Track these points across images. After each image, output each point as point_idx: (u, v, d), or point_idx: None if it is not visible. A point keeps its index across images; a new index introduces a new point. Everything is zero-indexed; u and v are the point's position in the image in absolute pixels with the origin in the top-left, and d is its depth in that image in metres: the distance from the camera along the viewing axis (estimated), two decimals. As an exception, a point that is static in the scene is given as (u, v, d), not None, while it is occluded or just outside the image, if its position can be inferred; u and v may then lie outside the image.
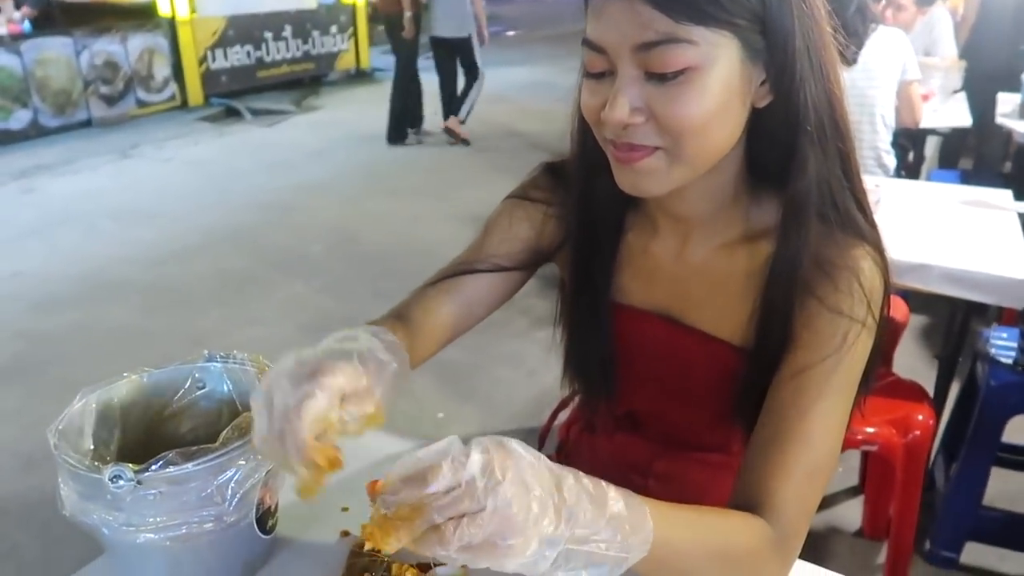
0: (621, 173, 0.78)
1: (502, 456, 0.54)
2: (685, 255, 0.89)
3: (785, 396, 0.76)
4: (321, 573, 0.81)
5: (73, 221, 4.53)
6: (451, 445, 0.54)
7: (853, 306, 0.77)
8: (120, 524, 0.70)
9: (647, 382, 0.95)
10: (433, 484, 0.52)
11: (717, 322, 0.87)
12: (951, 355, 2.01)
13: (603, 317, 0.93)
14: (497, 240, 0.95)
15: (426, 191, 5.04)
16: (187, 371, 0.87)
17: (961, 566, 1.93)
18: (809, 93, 0.74)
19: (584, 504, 0.55)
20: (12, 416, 2.61)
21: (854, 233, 0.79)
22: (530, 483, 0.54)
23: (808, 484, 0.73)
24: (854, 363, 0.77)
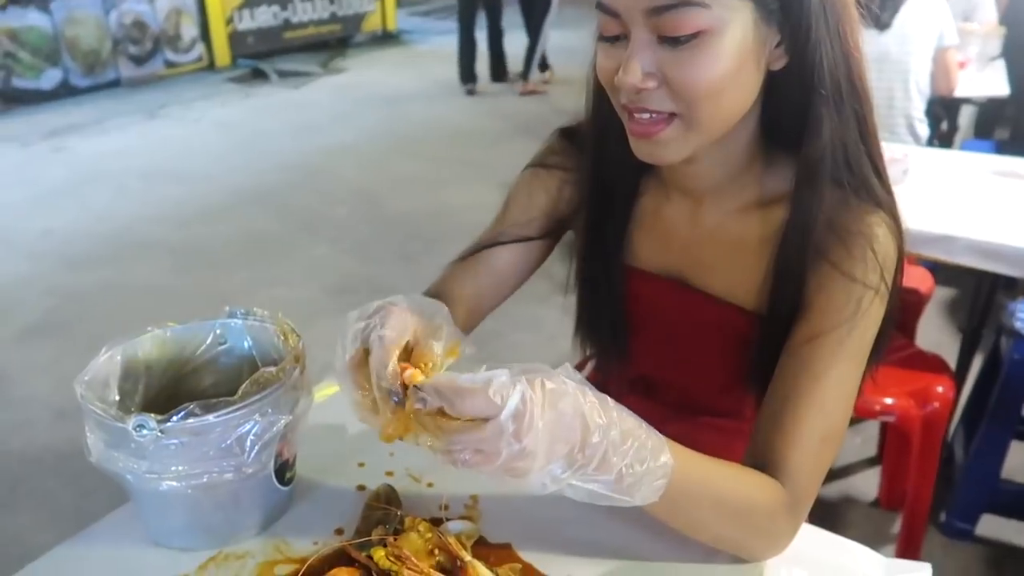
0: (637, 143, 0.78)
1: (541, 400, 0.56)
2: (698, 219, 0.89)
3: (798, 361, 0.77)
4: (337, 524, 0.83)
5: (102, 180, 4.59)
6: (496, 377, 0.56)
7: (867, 272, 0.77)
8: (144, 472, 0.73)
9: (659, 345, 0.96)
10: (466, 409, 0.56)
11: (730, 286, 0.88)
12: (975, 328, 1.99)
13: (615, 280, 0.93)
14: (518, 211, 0.97)
15: (451, 155, 5.03)
16: (209, 327, 0.89)
17: (976, 538, 1.94)
18: (825, 54, 0.73)
19: (604, 456, 0.60)
20: (44, 370, 2.69)
21: (869, 198, 0.79)
22: (558, 434, 0.57)
23: (820, 449, 0.74)
24: (867, 330, 0.77)
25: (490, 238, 0.96)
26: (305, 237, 3.83)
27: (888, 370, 1.71)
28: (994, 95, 3.24)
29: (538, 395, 0.56)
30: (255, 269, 3.51)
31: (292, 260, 3.60)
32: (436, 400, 0.57)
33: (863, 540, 0.82)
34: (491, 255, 0.95)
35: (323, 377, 1.14)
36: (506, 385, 0.55)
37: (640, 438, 0.63)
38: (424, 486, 0.89)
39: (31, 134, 5.44)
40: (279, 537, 0.82)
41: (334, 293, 3.23)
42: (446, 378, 0.58)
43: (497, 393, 0.55)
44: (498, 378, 0.56)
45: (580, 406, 0.58)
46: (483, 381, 0.56)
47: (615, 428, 0.61)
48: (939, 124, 3.37)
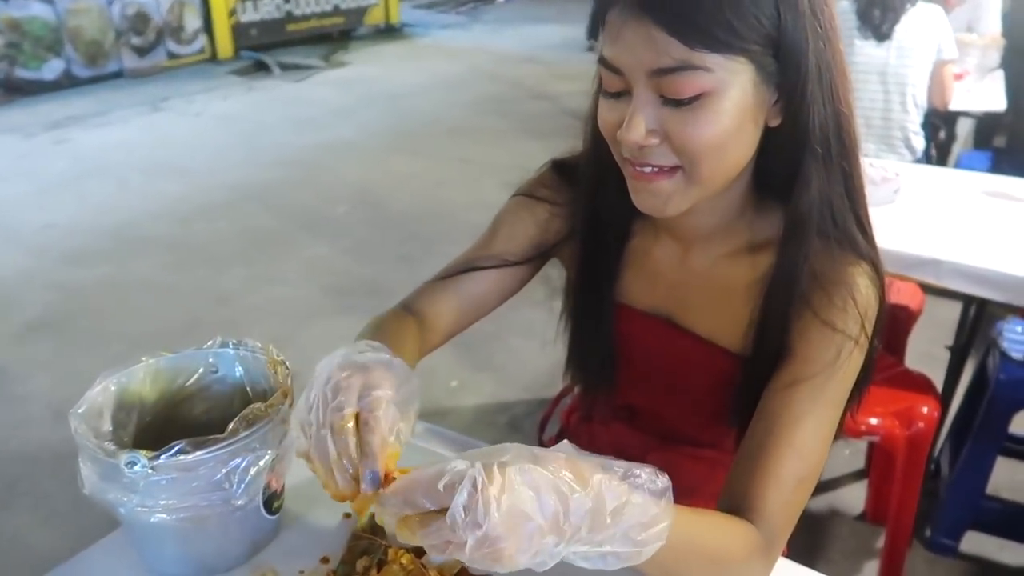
0: (639, 194, 0.80)
1: (497, 486, 0.53)
2: (687, 262, 0.92)
3: (777, 406, 0.79)
4: (323, 552, 0.85)
5: (104, 173, 4.61)
6: (450, 468, 0.55)
7: (847, 322, 0.79)
8: (135, 505, 0.75)
9: (645, 380, 0.98)
10: (424, 503, 0.55)
11: (715, 328, 0.90)
12: (963, 345, 2.01)
13: (605, 316, 0.95)
14: (503, 238, 0.98)
15: (452, 153, 5.05)
16: (201, 356, 0.92)
17: (960, 554, 1.96)
18: (817, 113, 0.76)
19: (594, 519, 0.56)
20: (44, 368, 2.72)
21: (852, 250, 0.81)
22: (528, 512, 0.54)
23: (795, 492, 0.76)
24: (846, 378, 0.80)
25: (472, 262, 0.97)
26: (304, 235, 3.85)
27: (874, 390, 1.70)
28: (991, 109, 3.25)
29: (494, 479, 0.54)
30: (254, 267, 3.53)
31: (291, 259, 3.62)
32: (400, 505, 0.57)
33: (848, 553, 0.84)
34: (472, 278, 0.97)
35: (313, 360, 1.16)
36: (458, 474, 0.54)
37: (629, 495, 0.59)
38: (409, 515, 0.91)
39: (33, 125, 5.46)
40: (267, 565, 0.84)
41: (332, 293, 3.25)
42: (405, 480, 0.57)
43: (447, 485, 0.54)
44: (452, 468, 0.55)
45: (550, 479, 0.56)
46: (435, 474, 0.55)
47: (600, 488, 0.57)
48: (937, 134, 3.38)
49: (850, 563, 1.93)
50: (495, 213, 1.02)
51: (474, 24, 9.63)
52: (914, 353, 2.17)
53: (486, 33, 6.36)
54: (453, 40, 6.45)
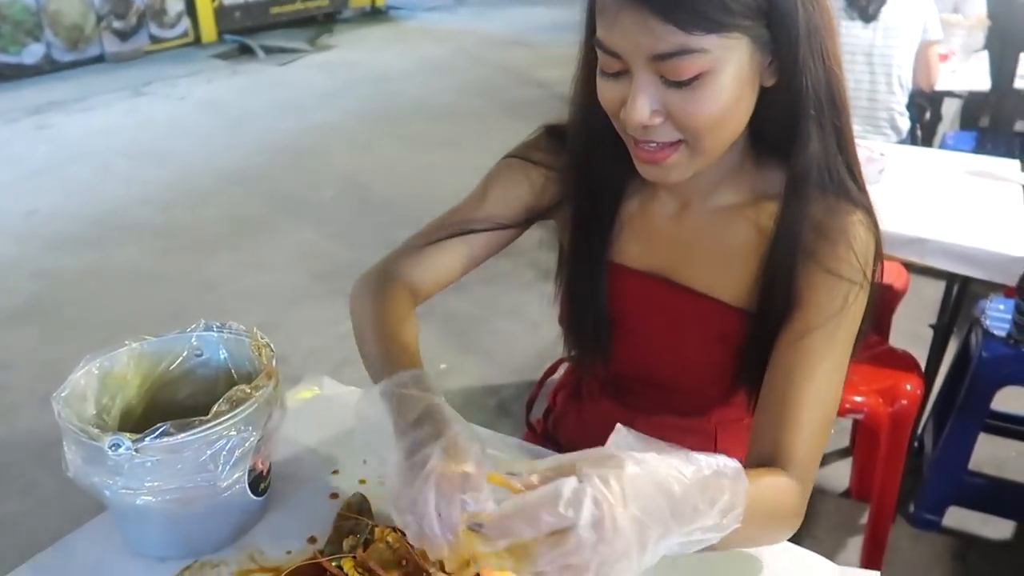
0: (644, 167, 0.82)
1: (619, 496, 0.53)
2: (684, 218, 0.93)
3: (793, 358, 0.82)
4: (309, 532, 0.86)
5: (87, 159, 4.56)
6: (564, 488, 0.53)
7: (850, 269, 0.83)
8: (120, 487, 0.75)
9: (641, 342, 0.98)
10: (541, 528, 0.52)
11: (715, 283, 0.92)
12: (947, 323, 2.03)
13: (600, 278, 0.96)
14: (495, 199, 0.98)
15: (439, 137, 5.02)
16: (185, 339, 0.91)
17: (943, 528, 1.99)
18: (810, 76, 0.78)
19: (694, 514, 0.57)
20: (29, 355, 2.70)
21: (848, 200, 0.84)
22: (647, 522, 0.54)
23: (818, 434, 0.81)
24: (853, 321, 0.84)
25: (465, 224, 0.97)
26: (290, 220, 3.83)
27: (859, 368, 1.75)
28: (975, 89, 3.26)
29: (615, 491, 0.53)
30: (240, 252, 3.51)
31: (277, 244, 3.60)
32: (502, 537, 0.54)
33: (832, 529, 0.86)
34: (462, 240, 0.97)
35: (303, 367, 1.17)
36: (577, 493, 0.53)
37: (718, 485, 0.61)
38: (395, 494, 0.92)
39: (14, 110, 5.39)
40: (253, 546, 0.85)
41: (319, 278, 3.24)
42: (510, 506, 0.55)
43: (568, 506, 0.52)
44: (566, 488, 0.53)
45: (658, 479, 0.56)
46: (551, 495, 0.53)
47: (698, 483, 0.58)
48: (923, 115, 3.39)
49: (834, 539, 1.95)
50: None
51: (460, 7, 9.55)
52: (898, 332, 2.19)
53: (472, 16, 6.31)
54: (439, 23, 6.40)
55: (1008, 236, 1.71)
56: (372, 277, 0.96)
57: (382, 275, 0.96)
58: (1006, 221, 1.80)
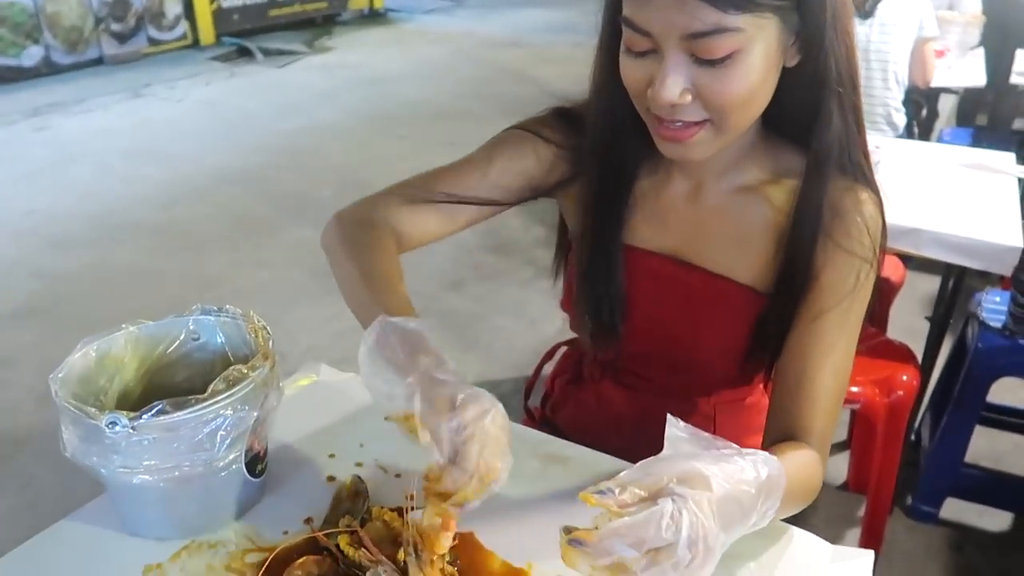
0: (666, 145, 0.83)
1: (710, 516, 0.59)
2: (699, 199, 0.94)
3: (809, 337, 0.85)
4: (306, 514, 0.86)
5: (85, 160, 4.57)
6: (664, 508, 0.58)
7: (862, 247, 0.85)
8: (117, 466, 0.76)
9: (654, 324, 0.98)
10: (643, 548, 0.57)
11: (729, 263, 0.93)
12: (942, 317, 2.03)
13: (614, 259, 0.96)
14: (500, 168, 0.97)
15: (437, 137, 5.02)
16: (182, 323, 0.92)
17: (940, 520, 2.00)
18: (834, 55, 0.80)
19: (753, 517, 0.65)
20: (29, 353, 2.70)
21: (861, 179, 0.87)
22: (726, 538, 0.61)
23: (835, 408, 0.85)
24: (865, 298, 0.87)
25: (466, 189, 0.96)
26: (289, 219, 3.84)
27: (856, 359, 1.75)
28: (971, 85, 3.27)
29: (707, 514, 0.59)
30: (239, 251, 3.52)
31: (276, 242, 3.61)
32: (605, 556, 0.58)
33: (830, 521, 0.88)
34: (459, 207, 0.97)
35: (300, 364, 1.17)
36: (675, 516, 0.57)
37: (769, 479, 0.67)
38: (392, 476, 0.92)
39: (13, 112, 5.39)
40: (250, 527, 0.85)
41: (318, 276, 3.24)
42: (612, 528, 0.59)
43: (669, 526, 0.57)
44: (666, 510, 0.57)
45: (735, 495, 0.62)
46: (654, 519, 0.57)
47: (759, 486, 0.65)
48: (919, 111, 3.40)
49: (832, 530, 1.95)
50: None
51: (458, 9, 9.57)
52: (895, 326, 2.20)
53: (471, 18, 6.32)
54: (438, 25, 6.42)
55: (1003, 227, 1.72)
56: (356, 219, 0.94)
57: (369, 219, 0.94)
58: (1001, 212, 1.81)
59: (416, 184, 0.98)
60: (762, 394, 1.09)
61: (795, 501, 0.78)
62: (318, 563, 0.77)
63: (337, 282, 0.92)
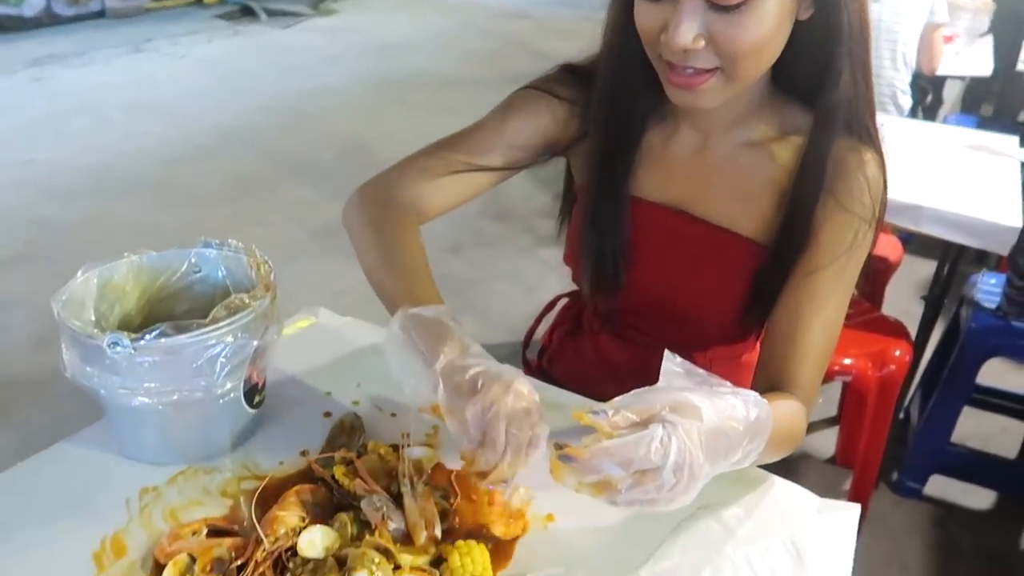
0: (676, 92, 0.83)
1: (697, 444, 0.60)
2: (705, 153, 0.94)
3: (803, 292, 0.87)
4: (302, 447, 0.87)
5: (85, 112, 4.53)
6: (654, 433, 0.59)
7: (862, 207, 0.86)
8: (117, 387, 0.76)
9: (657, 275, 0.99)
10: (631, 469, 0.59)
11: (732, 216, 0.94)
12: (937, 297, 2.04)
13: (620, 211, 0.97)
14: (515, 127, 0.98)
15: (442, 105, 4.99)
16: (184, 255, 0.92)
17: (924, 497, 2.02)
18: (848, 12, 0.80)
19: (740, 449, 0.66)
20: (24, 299, 2.70)
21: (866, 139, 0.87)
22: (711, 468, 0.63)
23: (822, 364, 0.87)
24: (861, 258, 0.88)
25: (478, 151, 0.96)
26: (290, 179, 3.82)
27: (850, 332, 1.77)
28: (977, 74, 3.26)
29: (695, 442, 0.60)
30: (238, 209, 3.50)
31: (276, 202, 3.60)
32: (593, 473, 0.60)
33: (817, 494, 0.89)
34: (477, 173, 0.97)
35: (296, 312, 1.17)
36: (664, 441, 0.59)
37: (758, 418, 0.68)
38: (388, 415, 0.93)
39: (13, 62, 5.34)
40: (247, 456, 0.86)
41: (318, 235, 3.24)
42: (602, 447, 0.60)
43: (658, 450, 0.59)
44: (656, 435, 0.59)
45: (723, 428, 0.64)
46: (643, 441, 0.59)
47: (746, 423, 0.66)
48: (924, 97, 3.39)
49: (818, 503, 1.98)
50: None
51: (466, -22, 9.47)
52: (891, 308, 2.20)
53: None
54: (444, -10, 6.37)
55: (1003, 207, 1.72)
56: (376, 197, 0.95)
57: (391, 198, 0.94)
58: (1002, 193, 1.81)
59: (434, 154, 0.98)
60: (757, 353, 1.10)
61: (778, 448, 0.79)
62: (313, 491, 0.78)
63: (359, 262, 0.92)
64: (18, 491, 0.81)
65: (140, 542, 0.74)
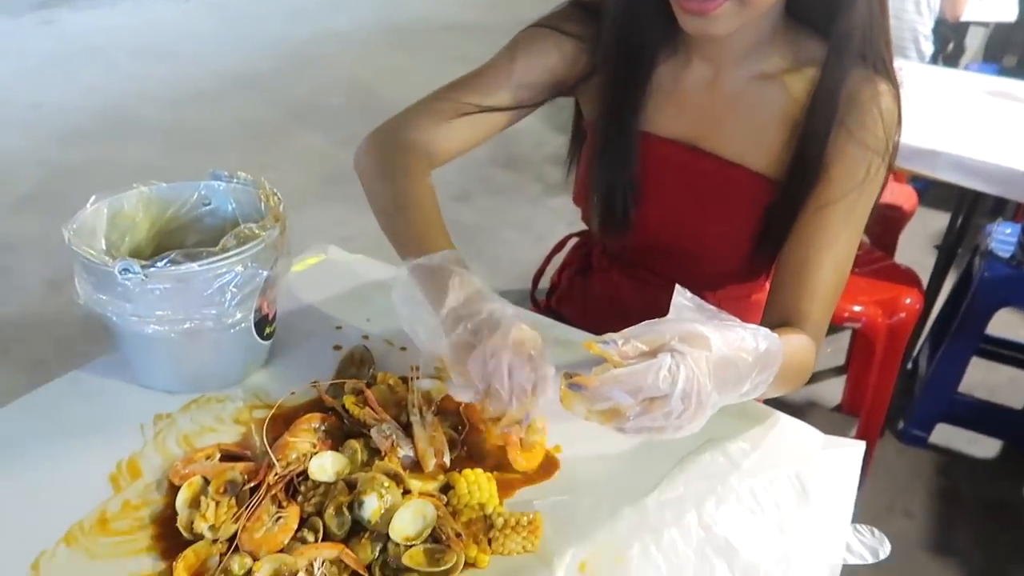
0: (688, 19, 0.81)
1: (705, 372, 0.60)
2: (717, 86, 0.93)
3: (815, 226, 0.86)
4: (313, 378, 0.87)
5: (92, 55, 4.49)
6: (662, 362, 0.59)
7: (876, 139, 0.84)
8: (129, 314, 0.77)
9: (667, 211, 0.98)
10: (639, 397, 0.59)
11: (745, 151, 0.92)
12: (951, 245, 2.02)
13: (630, 146, 0.96)
14: (523, 67, 0.96)
15: (448, 51, 4.91)
16: (193, 187, 0.92)
17: (929, 445, 2.03)
18: None
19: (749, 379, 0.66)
20: (36, 241, 2.71)
21: (881, 70, 0.85)
22: (719, 397, 0.62)
23: (832, 299, 0.86)
24: (873, 192, 0.87)
25: (486, 92, 0.95)
26: (297, 126, 3.79)
27: (861, 280, 1.76)
28: (1001, 20, 3.18)
29: (703, 371, 0.60)
30: (245, 154, 3.49)
31: (283, 147, 3.58)
32: (602, 401, 0.60)
33: None
34: (487, 115, 0.96)
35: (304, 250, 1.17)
36: (672, 369, 0.59)
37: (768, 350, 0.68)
38: (397, 349, 0.94)
39: (20, 5, 5.28)
40: (258, 386, 0.87)
41: (326, 182, 3.23)
42: (611, 375, 0.60)
43: (666, 379, 0.58)
44: (664, 363, 0.59)
45: (732, 359, 0.63)
46: (652, 369, 0.59)
47: (755, 353, 0.66)
48: (946, 45, 3.31)
49: (823, 449, 1.99)
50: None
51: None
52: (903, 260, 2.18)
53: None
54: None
55: (1022, 153, 1.69)
56: (386, 142, 0.94)
57: (399, 142, 0.94)
58: (1021, 140, 1.78)
59: (443, 97, 0.96)
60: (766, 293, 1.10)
61: (787, 381, 0.79)
62: (324, 420, 0.79)
63: (371, 206, 0.92)
64: (34, 417, 0.83)
65: (155, 466, 0.76)
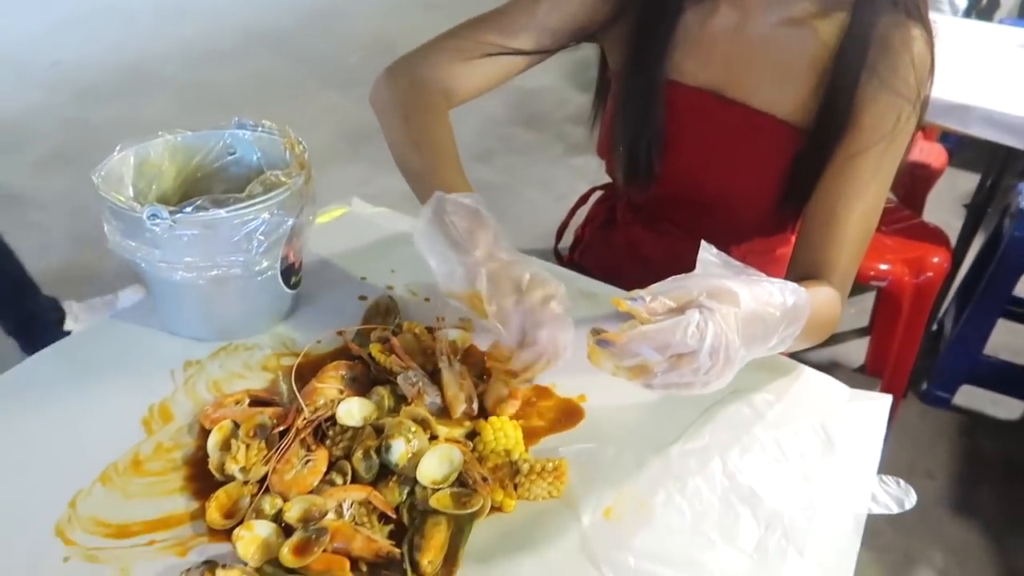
0: None
1: (734, 328, 0.59)
2: (744, 32, 0.91)
3: (843, 177, 0.84)
4: (339, 326, 0.88)
5: (111, 14, 4.47)
6: (691, 318, 0.58)
7: (907, 87, 0.82)
8: (157, 260, 0.77)
9: (692, 161, 0.97)
10: (666, 353, 0.58)
11: (772, 99, 0.91)
12: (981, 204, 1.99)
13: (655, 94, 0.94)
14: (547, 9, 0.94)
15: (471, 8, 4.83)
16: (219, 135, 0.92)
17: (952, 406, 2.02)
18: None
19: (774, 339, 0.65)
20: (60, 198, 2.73)
21: (914, 14, 0.83)
22: (746, 351, 0.61)
23: (859, 251, 0.85)
24: (903, 142, 0.85)
25: (516, 47, 0.94)
26: (317, 83, 3.77)
27: (888, 238, 1.73)
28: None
29: (731, 327, 0.59)
30: (266, 112, 3.39)
31: (305, 105, 3.56)
32: (630, 358, 0.59)
33: None
34: (507, 56, 0.94)
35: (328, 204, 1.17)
36: (700, 325, 0.57)
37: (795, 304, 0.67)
38: (422, 300, 0.94)
39: (38, -39, 5.25)
40: (286, 334, 0.88)
41: (347, 140, 3.22)
42: (640, 331, 0.58)
43: (694, 335, 0.57)
44: (693, 319, 0.58)
45: (760, 314, 0.62)
46: (680, 326, 0.57)
47: (783, 308, 0.65)
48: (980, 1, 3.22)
49: (844, 409, 1.99)
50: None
51: None
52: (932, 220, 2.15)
53: None
54: None
55: (1057, 109, 1.65)
56: (405, 76, 0.93)
57: (417, 76, 0.93)
58: (1057, 95, 1.73)
59: (464, 35, 0.95)
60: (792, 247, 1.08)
61: (814, 334, 0.78)
62: (350, 367, 0.79)
63: (387, 142, 0.91)
64: (67, 362, 0.84)
65: (186, 410, 0.77)
